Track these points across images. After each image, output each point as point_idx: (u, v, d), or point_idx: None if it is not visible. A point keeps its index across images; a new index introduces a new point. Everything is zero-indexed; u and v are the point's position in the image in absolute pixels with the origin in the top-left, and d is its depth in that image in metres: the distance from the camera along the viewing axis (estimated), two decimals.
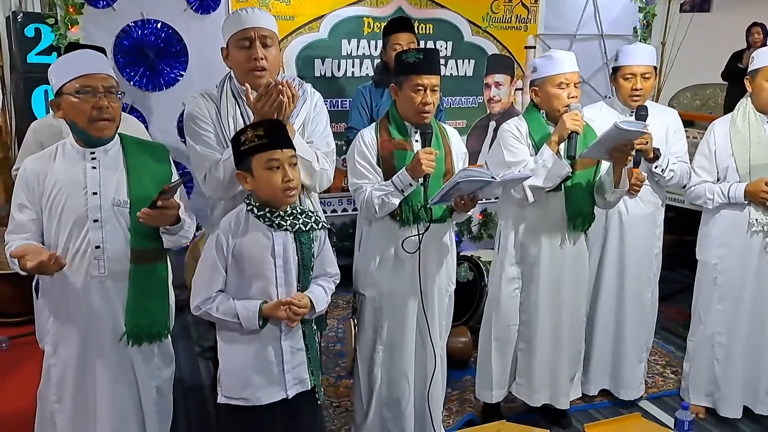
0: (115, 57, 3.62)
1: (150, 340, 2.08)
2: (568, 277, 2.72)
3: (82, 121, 1.94)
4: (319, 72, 4.11)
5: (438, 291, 2.59)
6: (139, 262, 2.01)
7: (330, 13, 4.04)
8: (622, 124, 2.28)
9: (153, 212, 1.90)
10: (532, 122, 2.64)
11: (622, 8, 4.84)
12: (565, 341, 2.78)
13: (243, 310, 1.95)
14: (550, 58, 2.58)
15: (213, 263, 1.98)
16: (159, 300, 2.09)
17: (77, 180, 1.97)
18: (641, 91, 2.82)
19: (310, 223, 2.04)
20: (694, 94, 7.05)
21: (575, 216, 2.63)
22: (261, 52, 2.19)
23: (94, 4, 3.52)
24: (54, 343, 2.06)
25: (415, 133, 2.46)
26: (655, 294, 3.09)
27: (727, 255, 2.86)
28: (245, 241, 1.97)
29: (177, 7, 3.72)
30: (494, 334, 2.82)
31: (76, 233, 1.96)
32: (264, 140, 1.89)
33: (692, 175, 2.91)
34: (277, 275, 1.99)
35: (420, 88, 2.35)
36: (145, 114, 3.74)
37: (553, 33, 4.65)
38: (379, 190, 2.38)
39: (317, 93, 2.40)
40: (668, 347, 3.74)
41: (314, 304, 2.02)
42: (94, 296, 2.00)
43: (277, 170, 1.91)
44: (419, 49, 2.45)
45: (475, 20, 4.40)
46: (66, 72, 1.94)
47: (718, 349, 2.93)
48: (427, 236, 2.45)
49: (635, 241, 2.96)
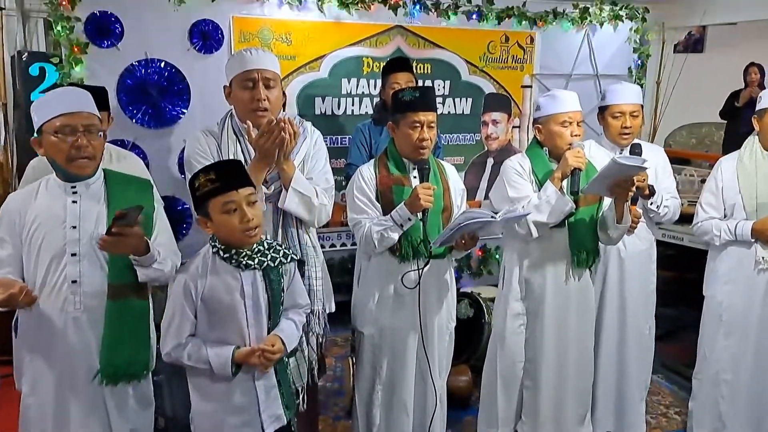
0: (118, 95, 3.66)
1: (126, 380, 2.01)
2: (574, 314, 2.71)
3: (61, 160, 1.94)
4: (319, 110, 4.16)
5: (438, 328, 2.58)
6: (116, 297, 1.97)
7: (330, 54, 4.10)
8: (620, 159, 2.31)
9: (109, 239, 1.83)
10: (534, 159, 2.67)
11: (617, 49, 4.93)
12: (572, 379, 2.75)
13: (215, 358, 1.91)
14: (554, 97, 2.63)
15: (181, 309, 1.94)
16: (137, 338, 2.03)
17: (57, 214, 1.96)
18: (631, 129, 2.87)
19: (278, 258, 2.01)
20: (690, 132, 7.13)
21: (579, 252, 2.64)
22: (263, 93, 2.23)
23: (98, 44, 3.58)
24: (31, 383, 2.01)
25: (413, 169, 2.49)
26: (653, 330, 3.08)
27: (733, 292, 2.86)
28: (213, 284, 1.93)
29: (180, 47, 3.78)
30: (500, 371, 2.79)
31: (54, 268, 1.94)
32: (216, 184, 1.85)
33: (699, 212, 2.93)
34: (247, 315, 1.96)
35: (417, 124, 2.39)
36: (147, 151, 3.77)
37: (549, 73, 4.72)
38: (378, 225, 2.39)
39: (317, 131, 2.44)
40: (671, 386, 3.70)
41: (285, 343, 1.99)
42: (69, 333, 1.95)
43: (235, 212, 1.87)
44: (415, 88, 2.52)
45: (472, 60, 4.48)
46: (46, 110, 1.94)
47: (723, 387, 2.90)
48: (426, 272, 2.45)
49: (634, 277, 2.97)
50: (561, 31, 4.71)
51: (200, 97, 3.82)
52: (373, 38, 4.19)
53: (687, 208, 4.25)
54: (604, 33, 4.85)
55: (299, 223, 2.35)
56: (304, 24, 4.00)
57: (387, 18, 4.19)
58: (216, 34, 3.81)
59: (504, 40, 4.56)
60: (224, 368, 1.91)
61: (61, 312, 1.94)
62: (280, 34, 3.95)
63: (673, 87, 5.01)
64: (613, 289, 2.98)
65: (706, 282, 2.99)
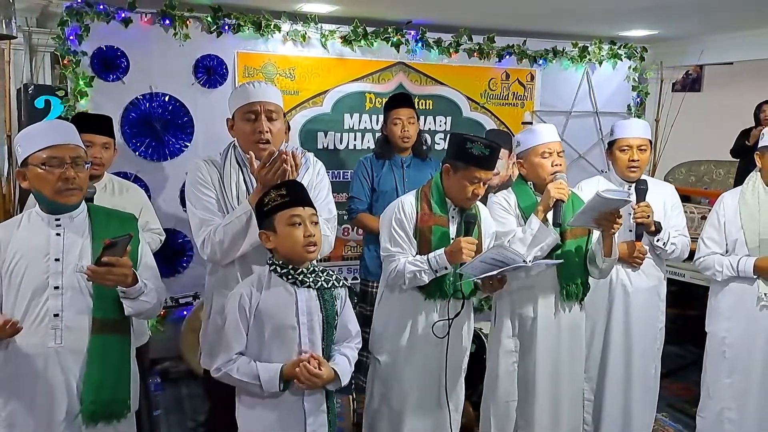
0: (122, 128, 3.70)
1: (108, 419, 1.92)
2: (565, 349, 2.68)
3: (48, 192, 1.90)
4: (321, 144, 4.19)
5: (455, 361, 2.56)
6: (101, 332, 1.90)
7: (333, 89, 4.16)
8: (604, 193, 2.33)
9: (99, 269, 1.79)
10: (519, 193, 2.67)
11: (616, 87, 5.01)
12: (565, 416, 2.70)
13: (264, 372, 1.93)
14: (532, 131, 2.66)
15: (235, 324, 1.96)
16: (120, 375, 1.95)
17: (40, 247, 1.90)
18: (638, 163, 2.87)
19: (331, 281, 2.05)
20: (689, 170, 7.17)
21: (568, 284, 2.62)
22: (266, 125, 2.24)
23: (104, 78, 3.63)
24: (8, 424, 1.90)
25: (454, 210, 2.49)
26: (658, 369, 3.04)
27: (736, 328, 2.82)
28: (268, 299, 1.97)
29: (185, 81, 3.83)
30: (493, 410, 2.74)
31: (35, 302, 1.87)
32: (286, 198, 1.96)
33: (701, 246, 2.91)
34: (300, 333, 1.97)
35: (476, 180, 2.38)
36: (149, 183, 3.78)
37: (549, 110, 4.78)
38: (413, 264, 2.38)
39: (319, 162, 2.45)
40: (675, 425, 3.63)
41: (340, 377, 2.00)
42: (49, 370, 1.87)
43: (299, 226, 1.95)
44: (487, 145, 2.38)
45: (473, 97, 4.53)
46: (33, 143, 1.90)
47: (728, 425, 2.84)
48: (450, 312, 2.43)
49: (640, 314, 2.93)
50: (561, 69, 4.78)
51: (204, 131, 3.86)
52: (375, 74, 4.25)
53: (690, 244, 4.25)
54: (604, 71, 4.93)
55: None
56: (307, 60, 4.06)
57: (389, 55, 4.26)
58: (220, 68, 3.87)
59: (505, 78, 4.63)
60: (272, 382, 1.91)
61: (40, 347, 1.87)
62: (284, 69, 4.01)
63: (671, 125, 5.06)
64: (618, 327, 2.93)
65: (709, 318, 2.96)
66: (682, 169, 7.23)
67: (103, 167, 2.82)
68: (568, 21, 4.37)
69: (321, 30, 4.03)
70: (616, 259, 2.59)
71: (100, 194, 2.73)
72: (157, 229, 2.99)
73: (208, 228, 2.21)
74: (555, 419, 2.69)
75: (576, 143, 4.84)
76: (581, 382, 2.82)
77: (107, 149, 2.83)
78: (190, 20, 3.74)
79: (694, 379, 3.02)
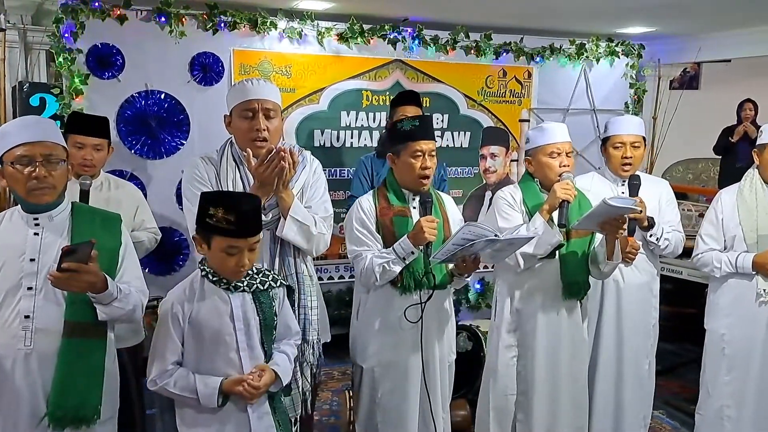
0: (118, 126, 3.68)
1: (74, 425, 1.85)
2: (566, 346, 2.68)
3: (20, 190, 1.86)
4: (318, 142, 4.18)
5: (440, 360, 2.55)
6: (72, 335, 1.84)
7: (330, 86, 4.14)
8: (611, 201, 2.32)
9: (60, 275, 1.72)
10: (526, 190, 2.67)
11: (613, 84, 4.99)
12: (565, 413, 2.70)
13: (203, 387, 1.86)
14: (542, 129, 2.65)
15: (167, 333, 1.89)
16: (91, 380, 1.88)
17: (16, 246, 1.86)
18: (632, 160, 2.87)
19: (267, 282, 1.99)
20: (687, 168, 7.19)
21: (570, 284, 2.62)
22: (263, 123, 2.23)
23: (99, 75, 3.61)
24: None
25: (414, 200, 2.48)
26: (653, 365, 3.03)
27: (735, 325, 2.82)
28: (202, 308, 1.90)
29: (181, 79, 3.81)
30: (492, 404, 2.75)
31: (8, 302, 1.83)
32: (232, 227, 1.82)
33: (699, 243, 2.91)
34: (238, 339, 1.91)
35: (419, 153, 2.39)
36: (145, 181, 3.77)
37: (546, 107, 4.77)
38: (379, 257, 2.37)
39: (316, 160, 2.44)
40: (672, 422, 3.63)
41: (281, 377, 1.95)
42: (16, 372, 1.82)
43: (234, 256, 1.86)
44: (414, 117, 2.51)
45: (470, 94, 4.52)
46: (6, 140, 1.86)
47: (727, 423, 2.84)
48: (428, 303, 2.42)
49: (632, 310, 2.93)
50: (558, 66, 4.77)
51: (199, 129, 3.85)
52: (372, 72, 4.24)
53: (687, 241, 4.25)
54: (601, 68, 4.92)
55: (297, 252, 2.33)
56: (303, 57, 4.05)
57: (386, 52, 4.25)
58: (216, 66, 3.85)
59: (502, 75, 4.62)
60: (210, 398, 1.85)
61: (9, 349, 1.82)
62: (280, 66, 4.00)
63: (669, 122, 5.06)
64: (610, 322, 2.93)
65: (707, 315, 2.95)
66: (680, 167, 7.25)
67: (95, 168, 2.80)
68: (565, 18, 4.36)
69: (317, 27, 4.02)
70: (618, 262, 2.59)
71: (96, 193, 2.72)
72: (153, 228, 2.97)
73: None
74: (554, 414, 2.69)
75: (573, 140, 4.68)
76: (584, 382, 2.80)
77: (99, 151, 2.80)
78: (186, 17, 3.72)
79: (692, 376, 3.02)
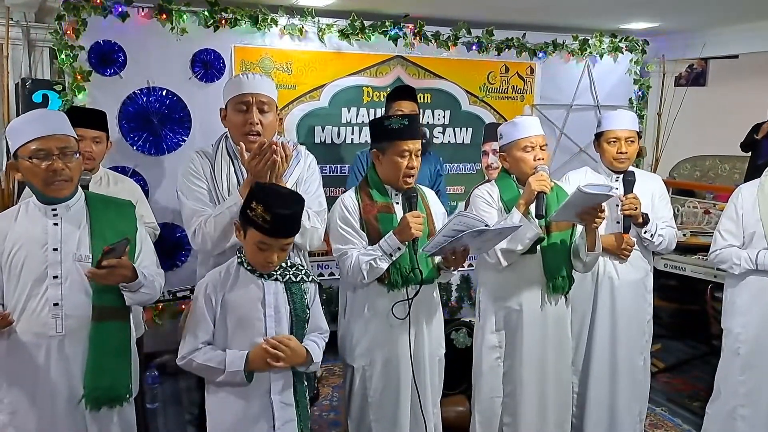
0: (120, 123, 3.70)
1: (110, 405, 1.95)
2: (552, 343, 2.66)
3: (38, 184, 1.92)
4: (319, 139, 4.18)
5: (429, 356, 2.53)
6: (100, 319, 1.93)
7: (330, 83, 4.15)
8: (585, 188, 2.30)
9: (100, 272, 1.84)
10: (503, 187, 2.66)
11: (617, 80, 4.97)
12: (552, 413, 2.68)
13: (229, 357, 1.93)
14: (515, 124, 2.63)
15: (201, 313, 1.98)
16: (120, 360, 1.98)
17: (38, 237, 1.92)
18: (626, 155, 2.84)
19: (300, 275, 2.05)
20: (694, 165, 7.12)
21: (553, 277, 2.60)
22: (257, 117, 2.24)
23: (101, 72, 3.63)
24: (10, 411, 1.93)
25: (396, 196, 2.47)
26: (647, 361, 3.01)
27: (751, 324, 2.75)
28: (235, 292, 1.98)
29: (182, 76, 3.83)
30: (477, 407, 2.73)
31: (35, 292, 1.89)
32: (266, 225, 1.89)
33: (717, 239, 2.85)
34: (267, 325, 1.97)
35: (406, 153, 2.38)
36: (147, 178, 3.79)
37: (549, 103, 4.75)
38: (366, 255, 2.35)
39: (311, 155, 2.44)
40: (674, 419, 3.60)
41: (311, 355, 2.00)
42: (50, 358, 1.90)
43: (264, 252, 1.94)
44: (403, 116, 2.47)
45: (472, 90, 4.51)
46: (20, 135, 1.90)
47: (740, 423, 2.79)
48: (415, 299, 2.41)
49: (626, 307, 2.90)
50: (561, 62, 4.75)
51: (201, 125, 3.86)
52: (373, 68, 4.24)
53: (690, 239, 4.21)
54: (605, 64, 4.89)
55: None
56: (304, 54, 4.05)
57: (387, 48, 4.24)
58: (217, 63, 3.87)
59: (504, 71, 4.60)
60: (235, 364, 1.91)
61: (41, 336, 1.89)
62: (281, 63, 4.01)
63: (673, 119, 5.02)
64: (604, 318, 2.90)
65: (724, 314, 2.88)
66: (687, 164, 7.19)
67: (94, 161, 2.82)
68: (568, 14, 4.34)
69: (318, 24, 4.02)
70: (599, 253, 2.57)
71: (95, 187, 2.75)
72: (152, 223, 2.99)
73: (199, 219, 2.22)
74: (542, 415, 2.68)
75: (577, 137, 4.81)
76: (569, 376, 2.79)
77: (98, 143, 2.83)
78: (187, 14, 3.74)
79: (694, 374, 2.99)
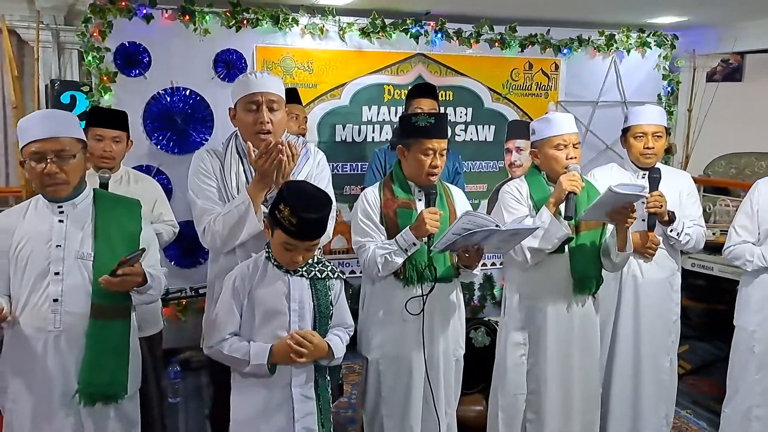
0: (144, 122, 3.79)
1: (104, 401, 1.98)
2: (578, 343, 2.61)
3: (36, 185, 1.98)
4: (340, 137, 4.20)
5: (444, 355, 2.52)
6: (99, 317, 1.96)
7: (351, 81, 4.16)
8: (616, 188, 2.26)
9: (114, 280, 1.88)
10: (532, 183, 2.62)
11: (645, 75, 4.86)
12: (577, 411, 2.64)
13: (254, 348, 1.98)
14: (548, 121, 2.58)
15: (228, 305, 2.03)
16: (117, 358, 2.01)
17: (43, 233, 1.97)
18: (653, 150, 2.79)
19: (326, 272, 2.09)
20: (729, 162, 6.92)
21: (581, 278, 2.55)
22: (267, 116, 2.25)
23: (126, 73, 3.72)
24: (12, 400, 1.99)
25: (419, 192, 2.47)
26: (674, 362, 2.94)
27: (766, 322, 2.71)
28: (262, 285, 2.02)
29: (205, 76, 3.89)
30: (501, 404, 2.70)
31: (38, 286, 1.94)
32: (292, 228, 1.91)
33: (732, 235, 2.80)
34: (291, 319, 2.01)
35: (430, 151, 2.38)
36: (171, 176, 3.87)
37: (574, 100, 4.68)
38: (382, 248, 2.37)
39: (320, 152, 2.46)
40: (699, 422, 3.52)
41: (333, 350, 2.03)
42: (48, 352, 1.94)
43: (289, 252, 1.98)
44: (430, 114, 2.47)
45: (494, 87, 4.47)
46: (23, 136, 1.95)
47: (755, 423, 2.74)
48: (432, 297, 2.41)
49: (651, 306, 2.84)
50: (587, 58, 4.67)
51: (223, 124, 3.91)
52: (394, 66, 4.24)
53: (719, 237, 4.10)
54: (632, 59, 4.80)
55: None
56: (325, 53, 4.08)
57: (408, 46, 4.24)
58: (239, 63, 3.92)
59: (527, 68, 4.55)
60: (260, 357, 1.96)
61: (40, 331, 1.94)
62: (302, 62, 4.03)
63: (705, 115, 4.89)
64: (628, 318, 2.85)
65: (737, 311, 2.84)
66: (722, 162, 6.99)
67: (114, 160, 2.88)
68: (593, 8, 4.26)
69: (339, 23, 4.04)
70: (630, 254, 2.52)
71: (115, 186, 2.81)
72: (171, 221, 3.05)
73: (208, 217, 2.25)
74: (567, 414, 2.63)
75: (603, 134, 4.73)
76: (597, 378, 2.75)
77: (118, 143, 2.89)
78: (210, 15, 3.79)
79: (722, 375, 2.91)
